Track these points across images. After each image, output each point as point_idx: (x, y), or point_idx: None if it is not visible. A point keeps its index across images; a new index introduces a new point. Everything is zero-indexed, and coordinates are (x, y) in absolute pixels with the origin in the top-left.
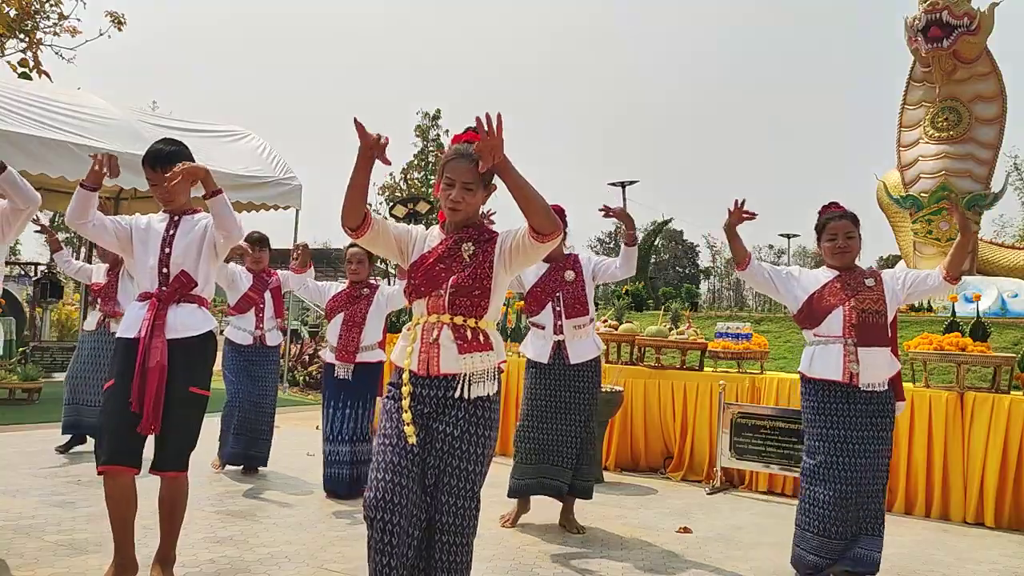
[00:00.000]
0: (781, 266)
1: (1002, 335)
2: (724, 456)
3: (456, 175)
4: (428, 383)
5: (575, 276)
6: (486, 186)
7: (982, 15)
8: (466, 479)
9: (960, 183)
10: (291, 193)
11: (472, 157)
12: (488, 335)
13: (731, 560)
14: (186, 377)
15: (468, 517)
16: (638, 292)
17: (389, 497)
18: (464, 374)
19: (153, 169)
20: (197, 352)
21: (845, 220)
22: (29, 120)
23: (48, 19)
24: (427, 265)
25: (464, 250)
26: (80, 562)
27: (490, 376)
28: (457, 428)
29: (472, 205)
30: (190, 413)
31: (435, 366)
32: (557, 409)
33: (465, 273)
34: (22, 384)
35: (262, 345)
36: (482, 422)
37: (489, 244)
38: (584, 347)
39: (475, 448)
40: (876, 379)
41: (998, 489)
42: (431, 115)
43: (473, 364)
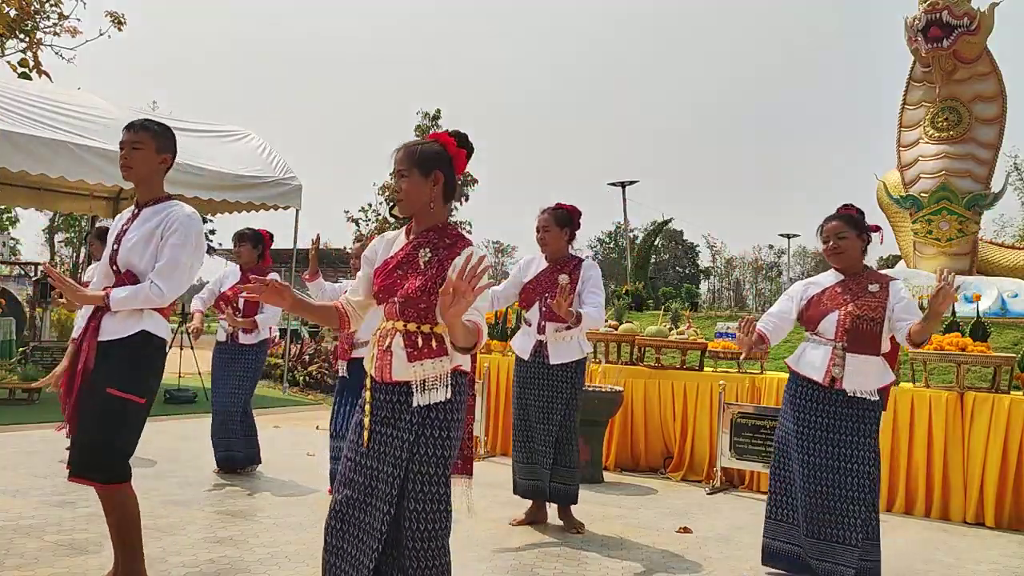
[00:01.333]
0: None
1: (1002, 335)
2: (724, 456)
3: (396, 166)
4: (384, 389)
5: (568, 282)
6: (426, 172)
7: (982, 15)
8: (430, 483)
9: (960, 183)
10: (291, 193)
11: (407, 144)
12: (443, 340)
13: (731, 560)
14: (106, 379)
15: (438, 521)
16: (638, 292)
17: (346, 510)
18: (414, 381)
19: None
20: (124, 354)
21: (836, 221)
22: (29, 120)
23: (48, 19)
24: (387, 271)
25: (421, 256)
26: (80, 562)
27: (443, 382)
28: (412, 434)
29: (413, 195)
30: (106, 416)
31: (387, 373)
32: (536, 408)
33: (416, 283)
34: (22, 384)
35: (235, 343)
36: (437, 425)
37: (449, 253)
38: (565, 349)
39: (433, 451)
40: (862, 386)
41: (998, 489)
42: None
43: (424, 371)
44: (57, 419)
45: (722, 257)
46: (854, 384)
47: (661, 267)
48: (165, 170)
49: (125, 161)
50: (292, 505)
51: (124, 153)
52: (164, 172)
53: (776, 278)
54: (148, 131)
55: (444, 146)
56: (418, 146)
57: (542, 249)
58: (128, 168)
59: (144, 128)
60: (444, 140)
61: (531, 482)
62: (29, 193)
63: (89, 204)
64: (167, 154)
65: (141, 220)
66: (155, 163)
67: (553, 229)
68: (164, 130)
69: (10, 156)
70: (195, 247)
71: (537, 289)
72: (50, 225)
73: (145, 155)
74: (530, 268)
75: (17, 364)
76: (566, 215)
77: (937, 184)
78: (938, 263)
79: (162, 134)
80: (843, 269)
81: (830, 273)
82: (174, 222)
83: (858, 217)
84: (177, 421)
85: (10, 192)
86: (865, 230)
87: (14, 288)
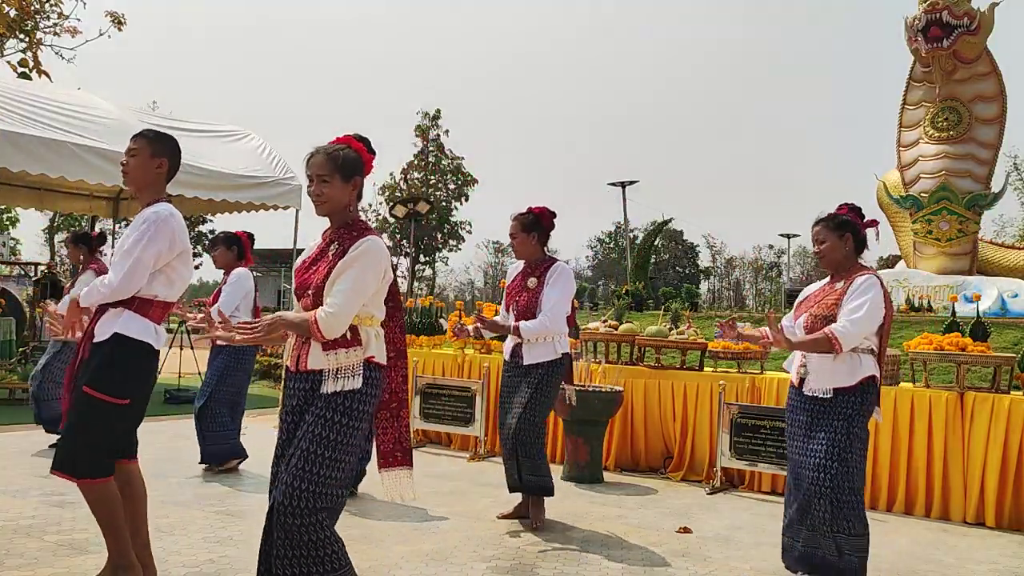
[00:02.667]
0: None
1: (1002, 335)
2: (724, 456)
3: (312, 169)
4: (298, 378)
5: (536, 284)
6: (347, 177)
7: (982, 15)
8: (305, 458)
9: (960, 183)
10: (291, 193)
11: (327, 151)
12: (358, 332)
13: (731, 560)
14: (84, 378)
15: (301, 499)
16: (638, 292)
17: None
18: (327, 369)
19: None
20: (100, 355)
21: (817, 225)
22: (29, 120)
23: (48, 19)
24: (302, 268)
25: (331, 250)
26: (80, 562)
27: (355, 372)
28: (313, 416)
29: (332, 197)
30: (80, 414)
31: (304, 362)
32: (507, 404)
33: (320, 275)
34: (22, 384)
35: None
36: (340, 410)
37: (350, 245)
38: (539, 350)
39: (325, 431)
40: (821, 384)
41: (998, 489)
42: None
43: (338, 360)
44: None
45: (722, 257)
46: (813, 384)
47: (661, 267)
48: (164, 175)
49: (123, 168)
50: None
51: (123, 161)
52: (164, 177)
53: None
54: (143, 137)
55: (359, 153)
56: (339, 152)
57: (515, 254)
58: (125, 174)
59: (140, 135)
60: (356, 146)
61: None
62: (29, 193)
63: (89, 204)
64: (163, 158)
65: (130, 226)
66: (151, 168)
67: (520, 235)
68: (160, 136)
69: (10, 156)
70: (152, 241)
71: (511, 294)
72: (50, 225)
73: (139, 161)
74: (510, 276)
75: (17, 364)
76: (532, 219)
77: (937, 184)
78: (938, 263)
79: (157, 140)
80: (829, 271)
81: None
82: (139, 219)
83: (842, 218)
84: (177, 421)
85: (10, 192)
86: (850, 230)
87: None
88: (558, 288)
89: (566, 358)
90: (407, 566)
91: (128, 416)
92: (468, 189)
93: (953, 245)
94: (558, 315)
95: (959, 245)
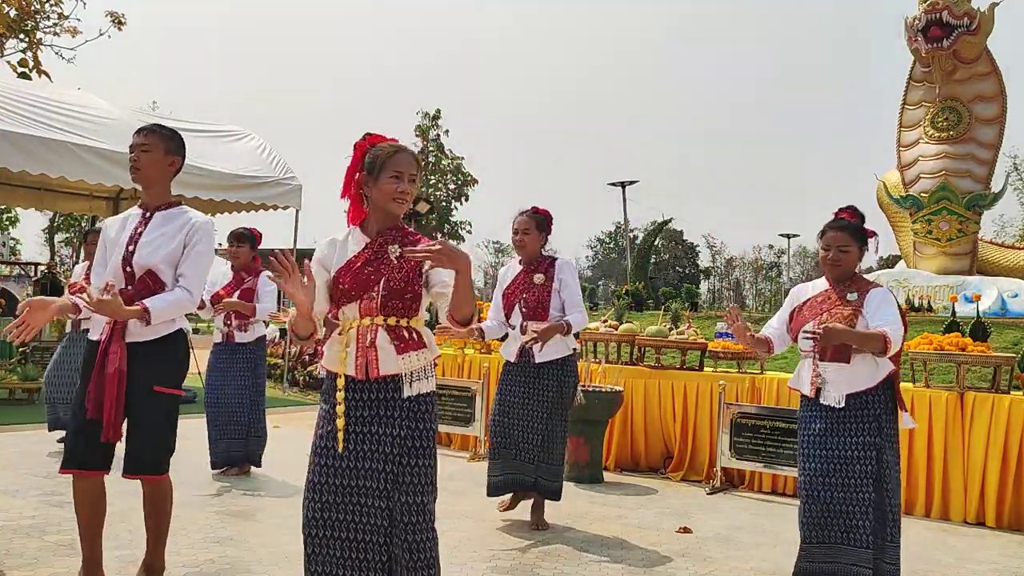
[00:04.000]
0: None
1: (1002, 335)
2: (724, 456)
3: (404, 168)
4: (367, 386)
5: (544, 280)
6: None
7: (982, 15)
8: (423, 474)
9: (960, 183)
10: (291, 193)
11: (415, 154)
12: (421, 334)
13: (731, 560)
14: (148, 376)
15: (428, 511)
16: (638, 292)
17: (323, 515)
18: (403, 374)
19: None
20: (159, 352)
21: (843, 233)
22: (29, 120)
23: (48, 19)
24: (355, 269)
25: (391, 252)
26: (80, 562)
27: (427, 373)
28: (404, 428)
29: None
30: (155, 412)
31: (374, 369)
32: (523, 406)
33: (397, 276)
34: (22, 384)
35: (229, 342)
36: (424, 417)
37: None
38: (550, 347)
39: (425, 443)
40: (841, 391)
41: (998, 489)
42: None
43: (411, 363)
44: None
45: (722, 257)
46: (835, 391)
47: (661, 267)
48: (173, 173)
49: (134, 163)
50: (292, 505)
51: (133, 156)
52: (172, 175)
53: (776, 278)
54: (156, 134)
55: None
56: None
57: (519, 251)
58: (137, 170)
59: (152, 131)
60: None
61: (508, 475)
62: (29, 193)
63: (89, 204)
64: (176, 156)
65: (157, 224)
66: (163, 165)
67: (533, 232)
68: (173, 134)
69: (10, 156)
70: (212, 253)
71: (515, 292)
72: (50, 225)
73: (153, 157)
74: (507, 278)
75: (17, 364)
76: (545, 219)
77: (937, 184)
78: (938, 263)
79: (171, 137)
80: (833, 278)
81: (821, 280)
82: (198, 230)
83: (860, 225)
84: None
85: (10, 192)
86: (866, 240)
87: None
88: (576, 282)
89: (576, 354)
90: None
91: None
92: (468, 189)
93: (953, 245)
94: (584, 310)
95: (959, 245)
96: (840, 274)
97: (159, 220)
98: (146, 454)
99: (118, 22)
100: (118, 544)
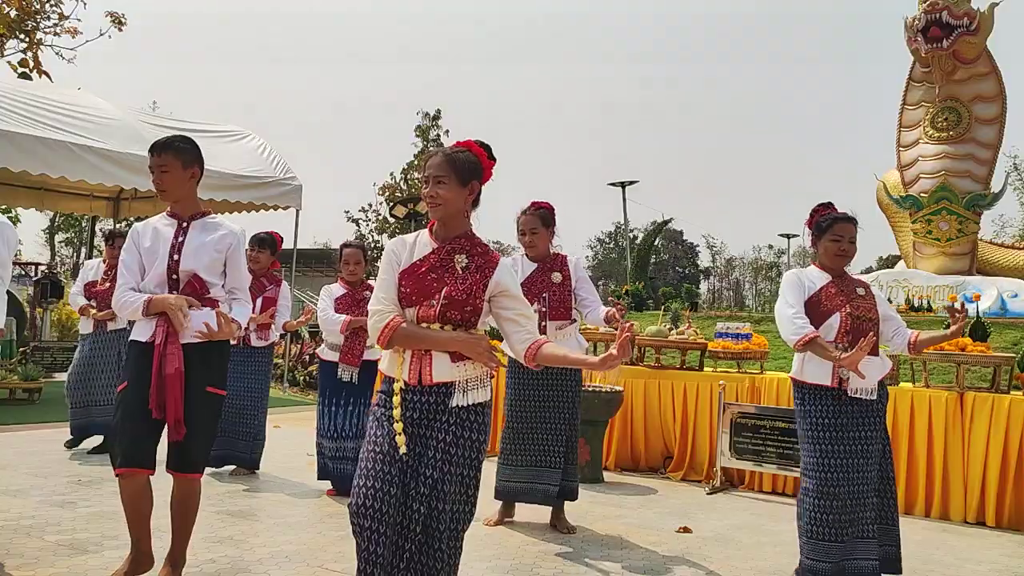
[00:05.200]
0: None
1: (1002, 335)
2: (724, 456)
3: (429, 170)
4: (420, 391)
5: (562, 279)
6: (464, 181)
7: (982, 15)
8: (464, 484)
9: (960, 183)
10: (291, 193)
11: (446, 152)
12: None
13: (731, 560)
14: (202, 378)
15: (464, 521)
16: (638, 292)
17: (375, 505)
18: (457, 382)
19: (151, 154)
20: (214, 354)
21: (854, 225)
22: (29, 120)
23: (48, 19)
24: (419, 274)
25: (457, 262)
26: (80, 562)
27: (482, 383)
28: (451, 435)
29: (449, 200)
30: (208, 413)
31: (428, 375)
32: (542, 410)
33: (460, 287)
34: (22, 384)
35: (246, 346)
36: (475, 427)
37: (485, 261)
38: (567, 345)
39: (470, 453)
40: (866, 385)
41: (998, 489)
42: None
43: (465, 372)
44: (58, 419)
45: (722, 257)
46: (861, 384)
47: (661, 267)
48: (195, 184)
49: (158, 185)
50: (292, 505)
51: (155, 178)
52: (196, 184)
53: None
54: (171, 150)
55: (479, 158)
56: (458, 154)
57: (528, 251)
58: (163, 191)
59: (167, 147)
60: (477, 151)
61: (522, 484)
62: (29, 193)
63: (89, 204)
64: (195, 167)
65: (197, 233)
66: (185, 179)
67: (540, 230)
68: (188, 145)
69: (11, 156)
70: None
71: (532, 291)
72: (50, 225)
73: (174, 176)
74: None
75: (18, 364)
76: (549, 214)
77: (937, 184)
78: (938, 263)
79: (187, 150)
80: (837, 269)
81: (815, 271)
82: (235, 240)
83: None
84: None
85: (10, 192)
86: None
87: (15, 288)
88: (589, 279)
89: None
90: None
91: None
92: None
93: (953, 245)
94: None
95: (959, 245)
96: (846, 264)
97: (198, 229)
98: (196, 453)
99: (118, 22)
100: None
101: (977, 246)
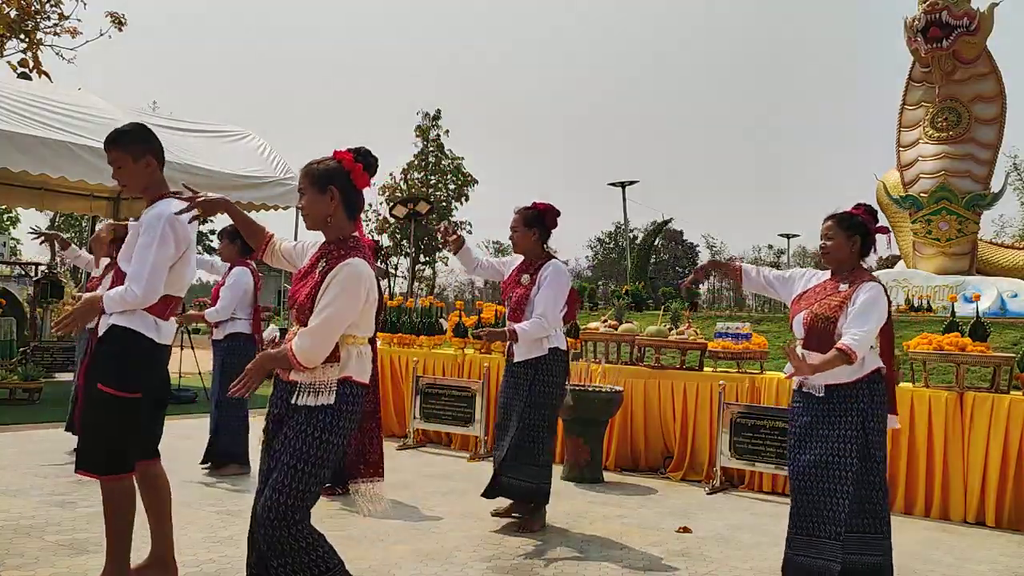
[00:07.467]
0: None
1: (1002, 335)
2: (724, 456)
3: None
4: (282, 386)
5: (529, 281)
6: (321, 188)
7: (982, 15)
8: (286, 472)
9: (960, 183)
10: (291, 193)
11: (306, 166)
12: (338, 349)
13: (731, 560)
14: (93, 375)
15: (281, 511)
16: (638, 292)
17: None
18: (302, 382)
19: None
20: (103, 349)
21: (829, 221)
22: (29, 120)
23: (48, 19)
24: (297, 277)
25: (319, 267)
26: (80, 562)
27: (329, 388)
28: (292, 430)
29: (310, 210)
30: (95, 412)
31: (285, 372)
32: (506, 406)
33: (305, 291)
34: (23, 384)
35: (213, 340)
36: (319, 426)
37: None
38: (527, 346)
39: (304, 446)
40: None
41: (998, 489)
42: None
43: (313, 375)
44: (58, 419)
45: (722, 257)
46: (811, 380)
47: (661, 267)
48: (155, 168)
49: (118, 181)
50: None
51: (113, 174)
52: (156, 171)
53: None
54: (117, 146)
55: (340, 162)
56: (314, 165)
57: (513, 248)
58: (122, 186)
59: (114, 144)
60: (340, 156)
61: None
62: (29, 193)
63: (89, 204)
64: (147, 156)
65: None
66: (140, 171)
67: (520, 229)
68: (134, 135)
69: (11, 156)
70: (162, 244)
71: (505, 289)
72: (50, 225)
73: (128, 170)
74: (506, 271)
75: (18, 364)
76: (534, 215)
77: (937, 184)
78: (938, 263)
79: (132, 140)
80: (831, 268)
81: (827, 272)
82: (143, 224)
83: (856, 219)
84: (177, 421)
85: (10, 192)
86: (860, 232)
87: (14, 288)
88: (552, 288)
89: (559, 353)
90: (407, 566)
91: (141, 410)
92: (468, 189)
93: (953, 245)
94: (553, 315)
95: (959, 245)
96: (832, 263)
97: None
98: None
99: (118, 22)
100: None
101: (977, 246)
